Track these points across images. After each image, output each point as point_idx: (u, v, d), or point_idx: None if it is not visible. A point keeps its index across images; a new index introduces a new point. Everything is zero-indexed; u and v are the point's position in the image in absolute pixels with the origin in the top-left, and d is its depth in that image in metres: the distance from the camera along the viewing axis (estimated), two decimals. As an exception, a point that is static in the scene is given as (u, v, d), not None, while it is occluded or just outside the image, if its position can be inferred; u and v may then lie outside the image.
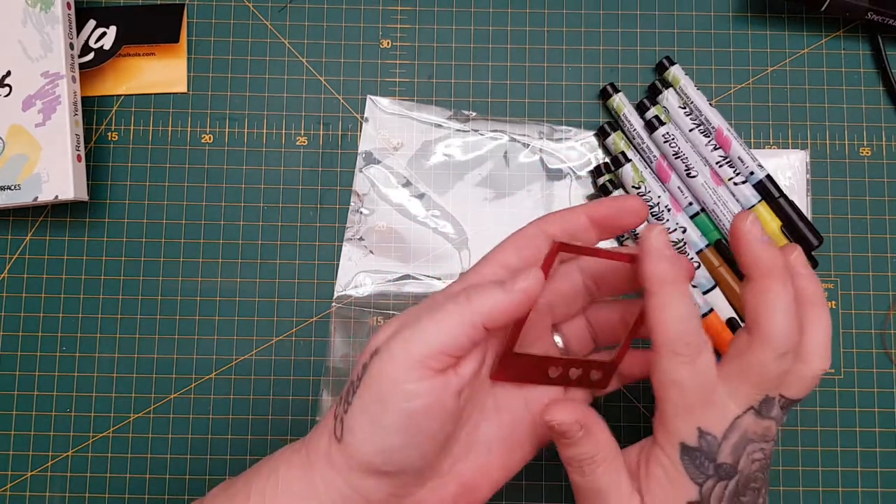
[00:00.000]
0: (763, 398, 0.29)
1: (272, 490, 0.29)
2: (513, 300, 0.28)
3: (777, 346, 0.28)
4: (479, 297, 0.28)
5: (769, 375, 0.29)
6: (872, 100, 0.43)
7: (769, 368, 0.29)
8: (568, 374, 0.33)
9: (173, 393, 0.41)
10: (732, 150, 0.41)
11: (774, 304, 0.29)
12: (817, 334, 0.30)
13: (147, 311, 0.41)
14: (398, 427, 0.27)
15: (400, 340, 0.28)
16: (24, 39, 0.40)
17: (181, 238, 0.42)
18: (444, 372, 0.28)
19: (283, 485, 0.29)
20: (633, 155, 0.41)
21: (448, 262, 0.42)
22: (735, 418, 0.29)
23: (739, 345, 0.29)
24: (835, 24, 0.43)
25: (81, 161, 0.40)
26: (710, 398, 0.29)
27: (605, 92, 0.42)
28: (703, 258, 0.40)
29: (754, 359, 0.28)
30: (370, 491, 0.29)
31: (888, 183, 0.42)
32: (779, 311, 0.28)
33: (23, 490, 0.40)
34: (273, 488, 0.29)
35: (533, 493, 0.40)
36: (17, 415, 0.41)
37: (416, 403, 0.27)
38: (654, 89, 0.42)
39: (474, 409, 0.31)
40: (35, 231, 0.42)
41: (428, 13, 0.43)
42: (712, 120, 0.41)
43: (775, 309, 0.29)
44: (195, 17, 0.43)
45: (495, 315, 0.28)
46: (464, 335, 0.27)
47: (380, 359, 0.28)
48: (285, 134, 0.43)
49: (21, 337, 0.41)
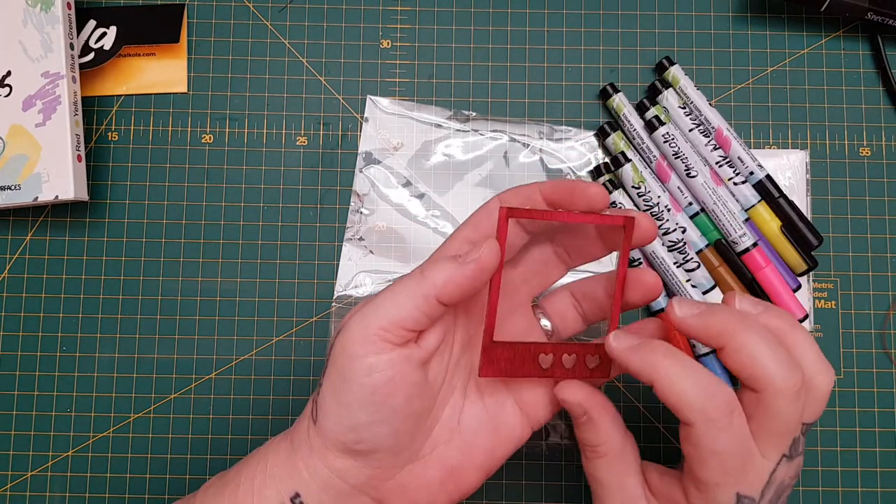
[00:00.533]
0: (791, 441, 0.28)
1: (261, 476, 0.30)
2: (464, 272, 0.28)
3: (786, 390, 0.27)
4: (431, 272, 0.28)
5: (792, 420, 0.28)
6: (872, 100, 0.43)
7: (789, 414, 0.28)
8: (561, 361, 0.31)
9: (173, 393, 0.41)
10: (732, 150, 0.41)
11: (759, 354, 0.27)
12: (808, 354, 0.29)
13: (147, 311, 0.41)
14: (361, 402, 0.28)
15: (358, 317, 0.28)
16: (24, 39, 0.40)
17: (181, 238, 0.42)
18: (404, 345, 0.28)
19: (271, 471, 0.30)
20: (633, 155, 0.41)
21: (448, 262, 0.42)
22: (771, 473, 0.28)
23: (750, 405, 0.28)
24: (835, 24, 0.43)
25: (81, 161, 0.40)
26: (749, 460, 0.28)
27: (605, 92, 0.42)
28: (703, 258, 0.40)
29: (771, 412, 0.28)
30: (348, 473, 0.29)
31: (888, 183, 0.42)
32: (768, 359, 0.27)
33: (23, 490, 0.40)
34: (262, 475, 0.30)
35: (533, 492, 0.40)
36: (17, 415, 0.41)
37: (377, 377, 0.28)
38: (654, 89, 0.42)
39: (454, 390, 0.32)
40: (35, 231, 0.42)
41: (428, 13, 0.43)
42: (712, 120, 0.41)
43: (763, 357, 0.27)
44: (195, 17, 0.43)
45: (449, 288, 0.28)
46: (417, 309, 0.28)
47: (341, 336, 0.28)
48: (285, 134, 0.43)
49: (21, 337, 0.41)
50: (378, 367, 0.28)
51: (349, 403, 0.28)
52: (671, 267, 0.40)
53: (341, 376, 0.28)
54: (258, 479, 0.30)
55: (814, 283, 0.42)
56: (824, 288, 0.42)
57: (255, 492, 0.29)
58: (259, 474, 0.30)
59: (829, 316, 0.41)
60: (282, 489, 0.29)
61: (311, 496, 0.29)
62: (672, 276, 0.40)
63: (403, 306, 0.28)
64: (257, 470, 0.30)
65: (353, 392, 0.28)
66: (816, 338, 0.41)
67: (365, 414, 0.28)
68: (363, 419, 0.28)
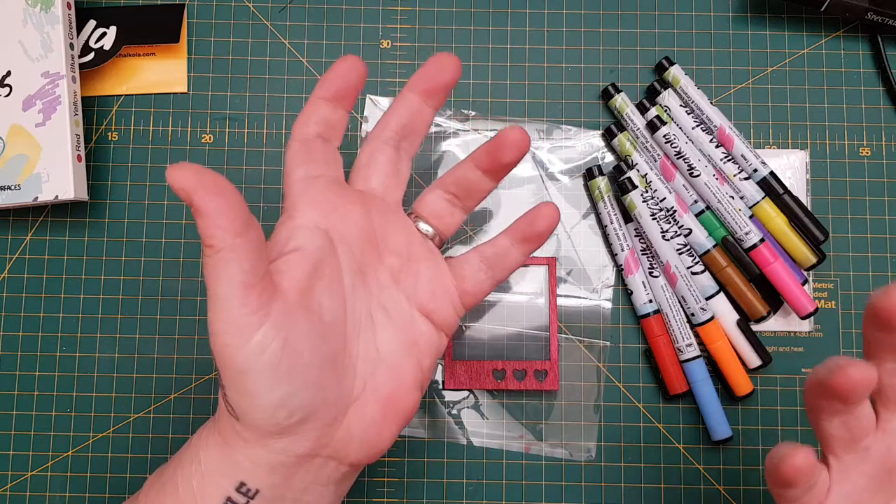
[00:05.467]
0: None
1: (199, 476, 0.29)
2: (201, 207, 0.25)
3: None
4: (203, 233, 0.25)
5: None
6: (872, 100, 0.43)
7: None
8: (512, 374, 0.39)
9: (173, 393, 0.41)
10: (735, 149, 0.41)
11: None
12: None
13: (147, 311, 0.41)
14: (273, 381, 0.27)
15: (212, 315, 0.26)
16: (24, 39, 0.40)
17: (181, 238, 0.42)
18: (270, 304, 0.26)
19: (207, 468, 0.29)
20: (638, 157, 0.41)
21: (448, 262, 0.42)
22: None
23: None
24: (835, 24, 0.43)
25: (81, 161, 0.40)
26: None
27: (607, 92, 0.42)
28: (710, 260, 0.40)
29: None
30: (294, 445, 0.28)
31: (888, 183, 0.42)
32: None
33: (23, 490, 0.40)
34: (199, 475, 0.29)
35: (533, 492, 0.40)
36: (17, 415, 0.41)
37: (273, 349, 0.26)
38: (653, 90, 0.42)
39: (360, 320, 0.31)
40: (35, 231, 0.42)
41: (428, 13, 0.43)
42: (714, 119, 0.41)
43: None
44: (195, 17, 0.43)
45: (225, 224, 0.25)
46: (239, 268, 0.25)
47: (213, 339, 0.27)
48: (285, 134, 0.43)
49: (21, 337, 0.41)
50: (268, 339, 0.26)
51: (259, 390, 0.27)
52: (681, 268, 0.40)
53: (237, 371, 0.27)
54: (195, 479, 0.29)
55: (814, 283, 0.42)
56: (824, 288, 0.42)
57: (194, 491, 0.29)
58: (196, 474, 0.29)
59: (829, 316, 0.41)
60: (224, 483, 0.28)
61: (257, 481, 0.28)
62: (683, 277, 0.40)
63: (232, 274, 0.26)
64: (192, 470, 0.29)
65: (259, 377, 0.26)
66: (816, 338, 0.41)
67: (282, 388, 0.27)
68: (283, 393, 0.27)
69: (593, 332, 0.41)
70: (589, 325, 0.41)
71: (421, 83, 0.33)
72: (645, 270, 0.41)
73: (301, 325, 0.27)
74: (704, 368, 0.40)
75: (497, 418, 0.41)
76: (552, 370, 0.40)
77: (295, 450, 0.28)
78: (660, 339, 0.40)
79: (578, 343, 0.41)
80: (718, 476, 0.40)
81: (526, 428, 0.41)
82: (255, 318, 0.26)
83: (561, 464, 0.40)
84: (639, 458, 0.40)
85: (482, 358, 0.41)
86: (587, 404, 0.41)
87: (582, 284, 0.41)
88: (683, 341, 0.40)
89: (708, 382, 0.39)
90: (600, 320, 0.41)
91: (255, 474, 0.28)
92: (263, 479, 0.28)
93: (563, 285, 0.41)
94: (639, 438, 0.41)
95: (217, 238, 0.25)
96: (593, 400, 0.41)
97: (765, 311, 0.40)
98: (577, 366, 0.41)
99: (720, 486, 0.40)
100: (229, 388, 0.27)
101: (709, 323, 0.39)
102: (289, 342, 0.27)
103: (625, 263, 0.40)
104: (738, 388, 0.39)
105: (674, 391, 0.40)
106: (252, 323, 0.26)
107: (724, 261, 0.40)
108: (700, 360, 0.40)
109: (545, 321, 0.41)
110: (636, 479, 0.40)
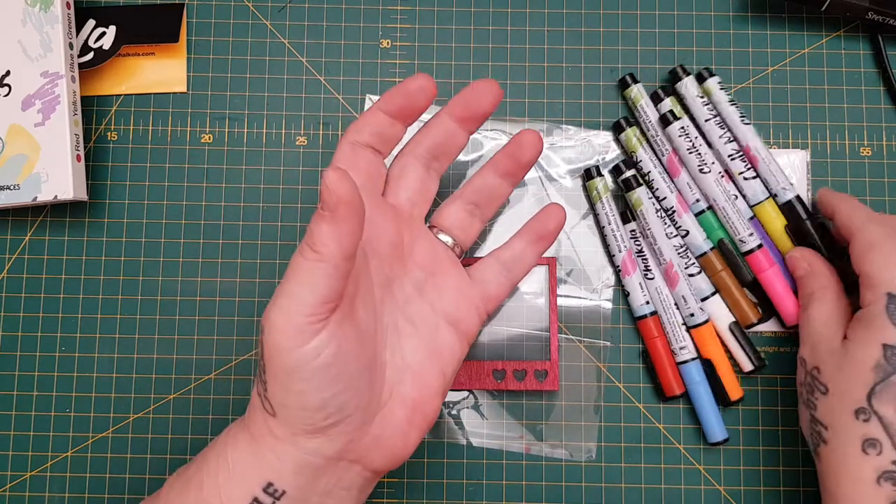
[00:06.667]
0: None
1: (225, 473, 0.29)
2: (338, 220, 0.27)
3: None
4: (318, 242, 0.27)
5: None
6: (873, 100, 0.43)
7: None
8: (512, 374, 0.39)
9: (173, 393, 0.41)
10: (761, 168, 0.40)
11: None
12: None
13: (147, 311, 0.41)
14: (320, 384, 0.28)
15: (279, 312, 0.27)
16: (23, 39, 0.39)
17: (181, 238, 0.42)
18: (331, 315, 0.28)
19: (234, 465, 0.29)
20: (643, 153, 0.41)
21: (448, 262, 0.42)
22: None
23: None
24: (835, 23, 0.43)
25: (81, 161, 0.40)
26: None
27: (624, 81, 0.42)
28: (706, 262, 0.40)
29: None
30: (325, 447, 0.29)
31: (888, 183, 0.42)
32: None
33: (23, 490, 0.40)
34: (225, 472, 0.29)
35: (533, 493, 0.40)
36: (17, 415, 0.41)
37: (326, 354, 0.27)
38: (675, 75, 0.41)
39: (388, 330, 0.32)
40: (35, 231, 0.42)
41: (428, 13, 0.43)
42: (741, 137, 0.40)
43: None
44: (195, 17, 0.43)
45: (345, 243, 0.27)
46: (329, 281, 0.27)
47: (269, 334, 0.28)
48: (285, 134, 0.43)
49: (21, 337, 0.41)
50: (323, 345, 0.27)
51: (304, 391, 0.28)
52: (679, 267, 0.40)
53: (286, 370, 0.27)
54: (221, 475, 0.29)
55: (814, 284, 0.41)
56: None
57: (220, 489, 0.29)
58: (222, 471, 0.29)
59: (829, 316, 0.41)
60: (250, 482, 0.29)
61: (284, 482, 0.29)
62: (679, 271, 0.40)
63: (318, 286, 0.27)
64: (219, 466, 0.30)
65: (306, 378, 0.27)
66: (817, 338, 0.41)
67: (326, 391, 0.28)
68: (325, 395, 0.28)
69: (593, 332, 0.41)
70: (589, 325, 0.41)
71: (458, 109, 0.34)
72: (641, 272, 0.40)
73: (349, 334, 0.28)
74: (700, 371, 0.40)
75: (497, 419, 0.41)
76: (552, 370, 0.40)
77: (325, 451, 0.29)
78: (656, 340, 0.40)
79: (578, 343, 0.41)
80: (719, 476, 0.40)
81: (526, 428, 0.40)
82: (317, 327, 0.27)
83: (561, 464, 0.40)
84: (639, 458, 0.40)
85: (482, 358, 0.41)
86: (587, 405, 0.41)
87: (582, 285, 0.41)
88: (677, 344, 0.39)
89: (703, 385, 0.39)
90: (600, 320, 0.41)
91: (283, 474, 0.29)
92: (290, 480, 0.29)
93: (564, 285, 0.41)
94: (639, 439, 0.40)
95: (328, 249, 0.26)
96: (594, 400, 0.41)
97: (755, 318, 0.40)
98: (578, 366, 0.41)
99: (720, 487, 0.40)
100: (273, 383, 0.28)
101: (703, 325, 0.39)
102: (341, 349, 0.28)
103: (622, 265, 0.40)
104: (730, 392, 0.39)
105: (670, 393, 0.40)
106: (313, 330, 0.27)
107: (719, 264, 0.40)
108: (696, 363, 0.40)
109: (545, 321, 0.41)
110: (636, 480, 0.40)
